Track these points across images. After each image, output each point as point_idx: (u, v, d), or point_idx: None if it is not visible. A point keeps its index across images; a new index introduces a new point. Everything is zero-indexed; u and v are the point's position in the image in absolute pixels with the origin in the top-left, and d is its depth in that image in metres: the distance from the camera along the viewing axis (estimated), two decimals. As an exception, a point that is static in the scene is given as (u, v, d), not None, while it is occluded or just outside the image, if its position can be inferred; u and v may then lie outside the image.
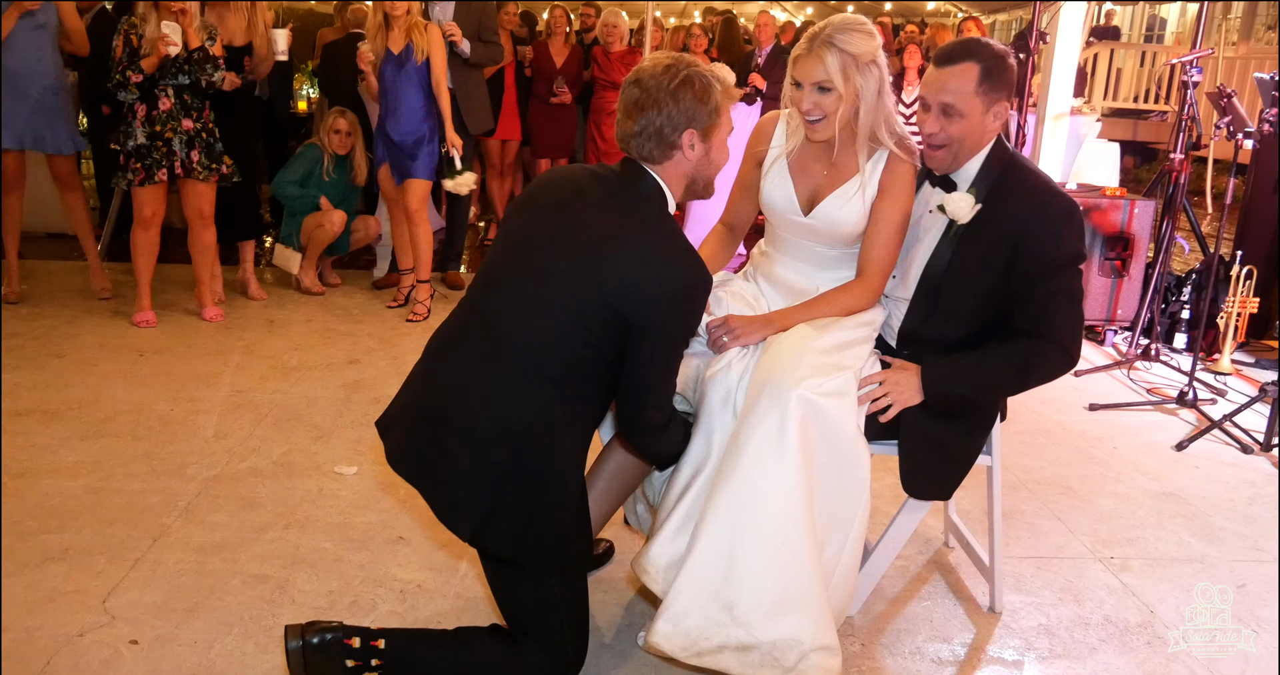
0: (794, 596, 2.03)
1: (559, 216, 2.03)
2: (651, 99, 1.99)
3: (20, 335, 4.43)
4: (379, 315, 5.10)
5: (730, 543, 2.04)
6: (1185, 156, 4.83)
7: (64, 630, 2.30)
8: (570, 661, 2.12)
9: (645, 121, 2.01)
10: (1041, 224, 2.25)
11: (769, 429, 2.05)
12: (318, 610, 2.43)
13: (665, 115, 2.00)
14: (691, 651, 2.05)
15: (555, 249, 1.99)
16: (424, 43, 4.82)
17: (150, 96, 4.47)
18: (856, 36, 2.20)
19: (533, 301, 1.96)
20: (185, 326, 4.70)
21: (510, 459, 1.93)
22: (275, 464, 3.25)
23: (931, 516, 3.05)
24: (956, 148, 2.31)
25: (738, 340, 2.26)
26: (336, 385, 4.01)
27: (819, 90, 2.23)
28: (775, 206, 2.43)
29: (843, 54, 2.19)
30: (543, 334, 1.94)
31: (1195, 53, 4.69)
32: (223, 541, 2.74)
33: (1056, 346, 2.26)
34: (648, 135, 2.02)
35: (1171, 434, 3.99)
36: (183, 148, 4.54)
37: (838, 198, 2.35)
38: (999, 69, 2.25)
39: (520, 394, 1.94)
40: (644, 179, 2.05)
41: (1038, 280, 2.25)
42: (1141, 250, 5.14)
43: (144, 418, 3.57)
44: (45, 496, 2.94)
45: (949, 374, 2.30)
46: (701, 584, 2.04)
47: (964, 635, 2.51)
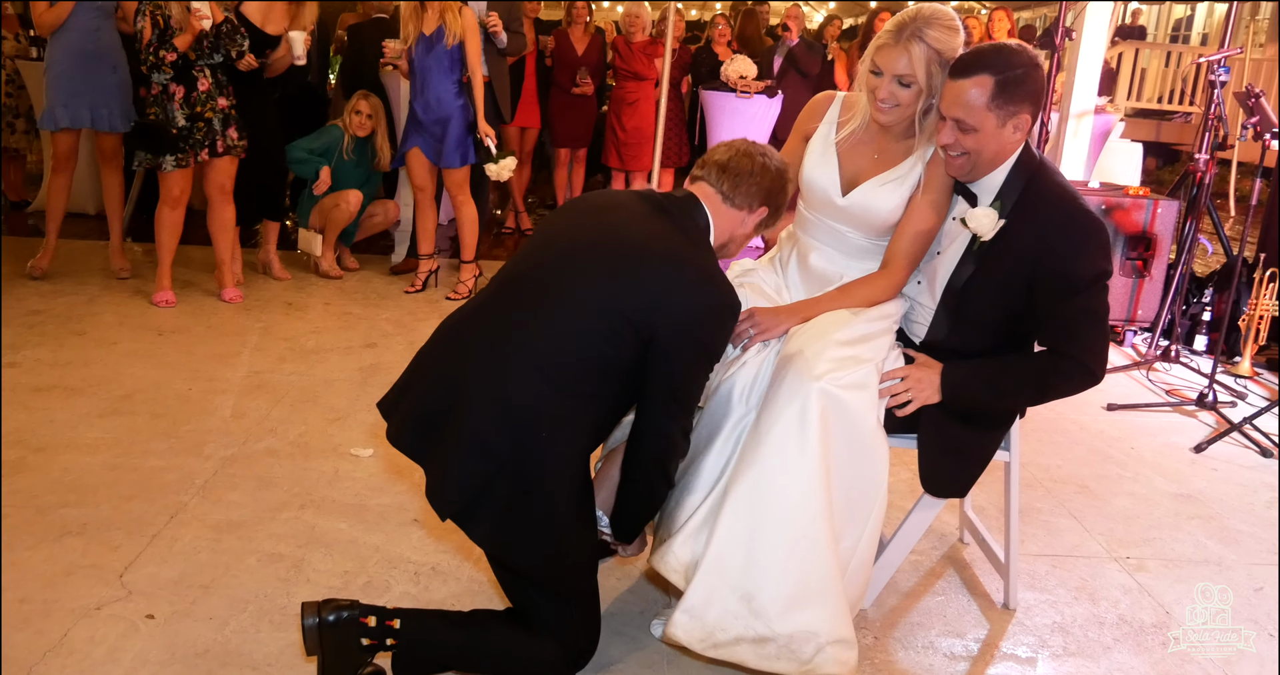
0: (812, 589, 2.03)
1: (597, 220, 2.05)
2: (758, 163, 2.13)
3: (42, 312, 4.45)
4: (397, 300, 5.11)
5: (749, 534, 2.03)
6: (1211, 157, 4.79)
7: (81, 603, 2.32)
8: (582, 648, 2.12)
9: (743, 167, 2.11)
10: (1065, 242, 2.19)
11: (790, 421, 2.04)
12: (332, 590, 2.44)
13: (758, 180, 2.12)
14: (708, 643, 2.05)
15: (587, 249, 1.99)
16: (457, 26, 4.81)
17: (188, 77, 4.48)
18: (946, 33, 2.17)
19: (555, 296, 1.95)
20: (204, 307, 4.72)
21: (508, 447, 1.90)
22: (292, 445, 3.26)
23: (947, 512, 3.04)
24: (974, 158, 2.23)
25: (763, 335, 2.25)
26: (354, 368, 4.02)
27: (898, 83, 2.20)
28: (814, 184, 2.40)
29: (929, 49, 2.16)
30: (559, 329, 1.93)
31: (1224, 52, 4.65)
32: (239, 520, 2.75)
33: (1079, 365, 2.22)
34: (738, 177, 2.11)
35: (1190, 436, 3.97)
36: (221, 126, 4.58)
37: (877, 183, 2.32)
38: (1016, 80, 2.13)
39: (527, 382, 1.92)
40: (697, 208, 2.09)
41: (1061, 298, 2.20)
42: (1164, 251, 5.10)
43: (162, 396, 3.59)
44: (64, 471, 2.96)
45: (968, 379, 2.27)
46: (720, 576, 2.03)
47: (977, 631, 2.50)
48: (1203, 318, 5.18)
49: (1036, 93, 2.17)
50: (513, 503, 1.93)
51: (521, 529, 1.95)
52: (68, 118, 4.76)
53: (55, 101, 4.75)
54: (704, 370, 2.04)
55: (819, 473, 2.04)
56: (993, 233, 2.24)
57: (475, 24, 4.90)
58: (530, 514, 1.95)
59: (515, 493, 1.92)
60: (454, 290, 5.17)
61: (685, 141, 7.02)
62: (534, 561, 1.99)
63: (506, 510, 1.93)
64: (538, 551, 1.98)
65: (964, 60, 2.17)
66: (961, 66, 2.16)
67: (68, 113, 4.75)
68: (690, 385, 2.02)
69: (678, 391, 1.99)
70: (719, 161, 2.13)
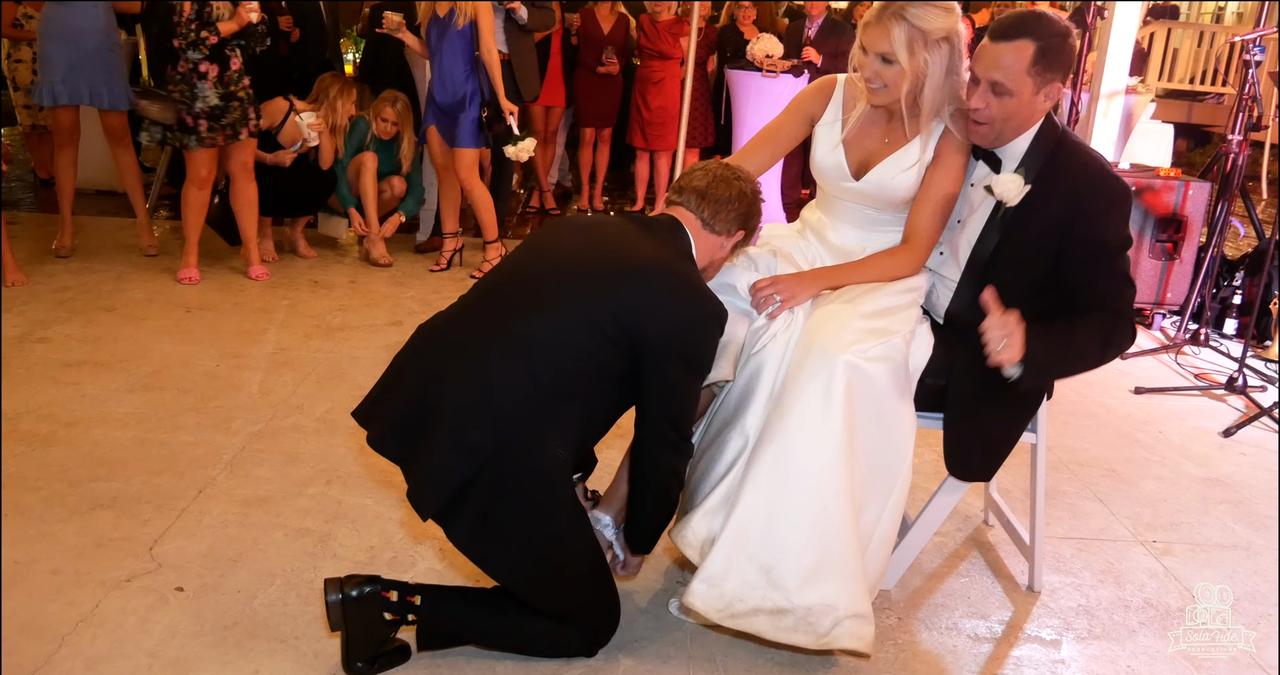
0: (832, 563, 2.03)
1: (585, 234, 2.09)
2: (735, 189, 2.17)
3: (71, 289, 4.50)
4: (421, 278, 5.13)
5: (770, 506, 2.03)
6: (1244, 137, 4.72)
7: (112, 575, 2.35)
8: (601, 628, 2.14)
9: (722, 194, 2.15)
10: (1094, 205, 2.18)
11: (814, 394, 2.04)
12: (358, 565, 2.46)
13: (736, 206, 2.16)
14: (726, 613, 2.06)
15: (576, 255, 2.03)
16: (468, 8, 4.79)
17: (221, 57, 4.49)
18: (931, 12, 2.13)
19: (544, 300, 1.96)
20: (231, 284, 4.75)
21: (491, 445, 1.90)
22: (318, 421, 3.29)
23: (971, 494, 3.03)
24: (1001, 126, 2.22)
25: (789, 302, 2.22)
26: (379, 346, 4.04)
27: (881, 61, 2.18)
28: (824, 171, 2.39)
29: (911, 28, 2.13)
30: (547, 331, 1.93)
31: (1259, 31, 4.57)
32: (266, 495, 2.78)
33: (1129, 323, 2.24)
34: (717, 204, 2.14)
35: (1219, 420, 3.93)
36: (252, 105, 4.60)
37: (892, 164, 2.30)
38: (1056, 48, 2.14)
39: (511, 382, 1.92)
40: (680, 230, 2.14)
41: (1096, 266, 2.19)
42: (1194, 233, 5.04)
43: (190, 372, 3.62)
44: (95, 445, 2.99)
45: (1046, 342, 2.13)
46: (739, 546, 2.04)
47: (1001, 613, 2.50)
48: (1233, 301, 5.12)
49: (1069, 62, 2.19)
50: (493, 503, 1.92)
51: (497, 532, 1.94)
52: (66, 94, 4.77)
53: (53, 77, 4.74)
54: (694, 380, 2.05)
55: (842, 447, 2.03)
56: (1018, 198, 2.22)
57: (488, 6, 4.88)
58: (509, 517, 1.93)
59: (497, 493, 1.92)
60: (479, 269, 5.17)
61: (711, 121, 6.98)
62: (503, 572, 2.01)
63: (488, 511, 1.93)
64: (507, 560, 1.98)
65: (1004, 24, 2.16)
66: (1002, 30, 2.15)
67: (66, 89, 4.75)
68: (684, 393, 2.04)
69: (669, 398, 2.01)
70: (698, 188, 2.16)
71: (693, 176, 2.18)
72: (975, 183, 2.35)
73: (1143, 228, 5.02)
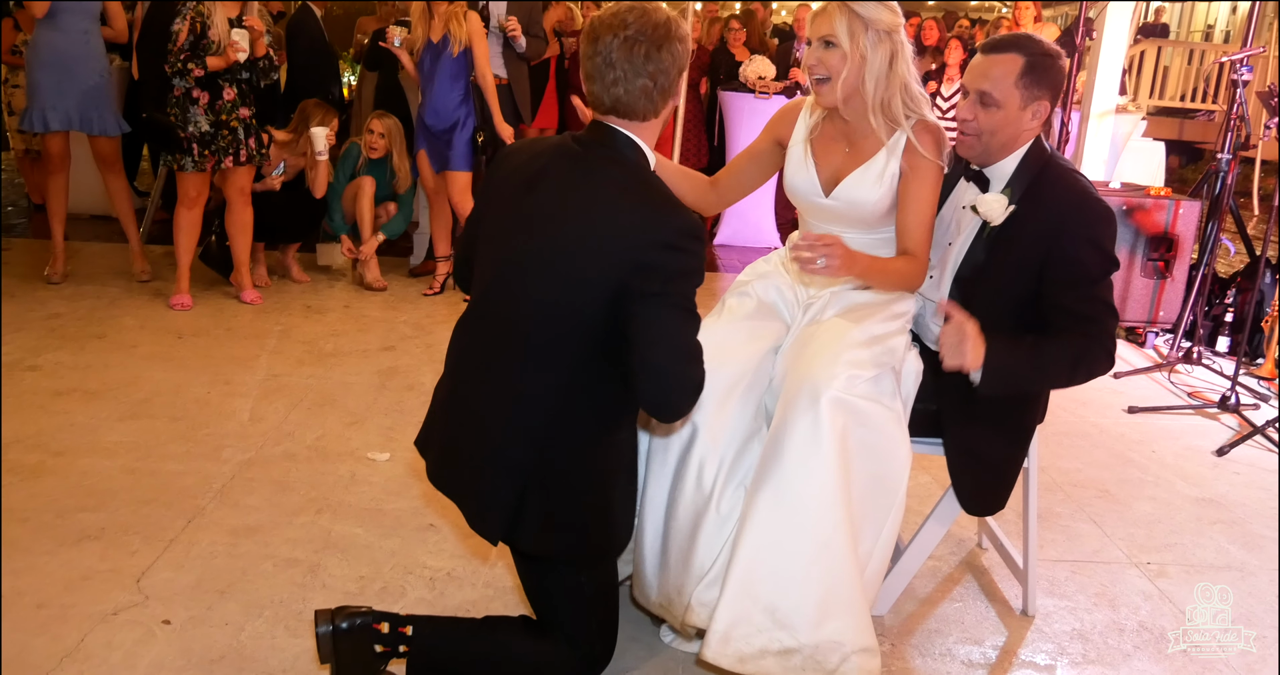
0: (837, 598, 2.02)
1: (528, 200, 1.90)
2: (649, 45, 1.84)
3: (62, 315, 4.49)
4: (415, 302, 5.13)
5: (771, 546, 2.02)
6: (1233, 156, 4.73)
7: (98, 608, 2.33)
8: (598, 656, 2.12)
9: (641, 69, 1.85)
10: (1075, 225, 2.19)
11: (804, 431, 2.03)
12: (348, 595, 2.45)
13: (650, 83, 1.86)
14: (735, 659, 2.05)
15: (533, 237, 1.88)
16: (461, 33, 4.83)
17: (214, 85, 4.51)
18: (875, 6, 2.17)
19: (527, 295, 1.90)
20: (224, 309, 4.75)
21: (530, 457, 1.90)
22: (309, 449, 3.27)
23: (965, 517, 3.00)
24: (988, 139, 2.25)
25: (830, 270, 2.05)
26: (371, 371, 4.04)
27: (824, 45, 2.20)
28: (797, 189, 2.39)
29: (854, 15, 2.16)
30: (543, 324, 1.88)
31: (1246, 51, 4.59)
32: (256, 524, 2.76)
33: (1104, 349, 2.20)
34: (643, 96, 1.87)
35: (1212, 439, 3.92)
36: (244, 135, 4.62)
37: (858, 177, 2.28)
38: (1044, 66, 2.19)
39: (530, 388, 1.89)
40: (617, 137, 1.92)
41: (1077, 288, 2.18)
42: (1185, 251, 5.05)
43: (181, 400, 3.61)
44: (83, 475, 2.98)
45: (1008, 352, 2.13)
46: (745, 590, 2.02)
47: (996, 638, 2.48)
48: (1225, 319, 5.13)
49: (1058, 84, 2.23)
50: (550, 502, 1.92)
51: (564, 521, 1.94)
52: (57, 120, 4.78)
53: (43, 103, 4.75)
54: (688, 301, 1.84)
55: (839, 480, 2.03)
56: (1003, 217, 2.24)
57: (481, 28, 4.91)
58: (569, 505, 1.93)
59: (550, 493, 1.92)
60: None
61: (704, 142, 7.01)
62: (578, 548, 1.98)
63: (546, 512, 1.93)
64: (580, 535, 1.96)
65: (995, 39, 2.25)
66: (992, 44, 2.24)
67: (56, 115, 4.76)
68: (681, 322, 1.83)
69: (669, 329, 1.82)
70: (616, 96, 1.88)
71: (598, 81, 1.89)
72: (965, 205, 2.36)
73: (1134, 247, 5.04)
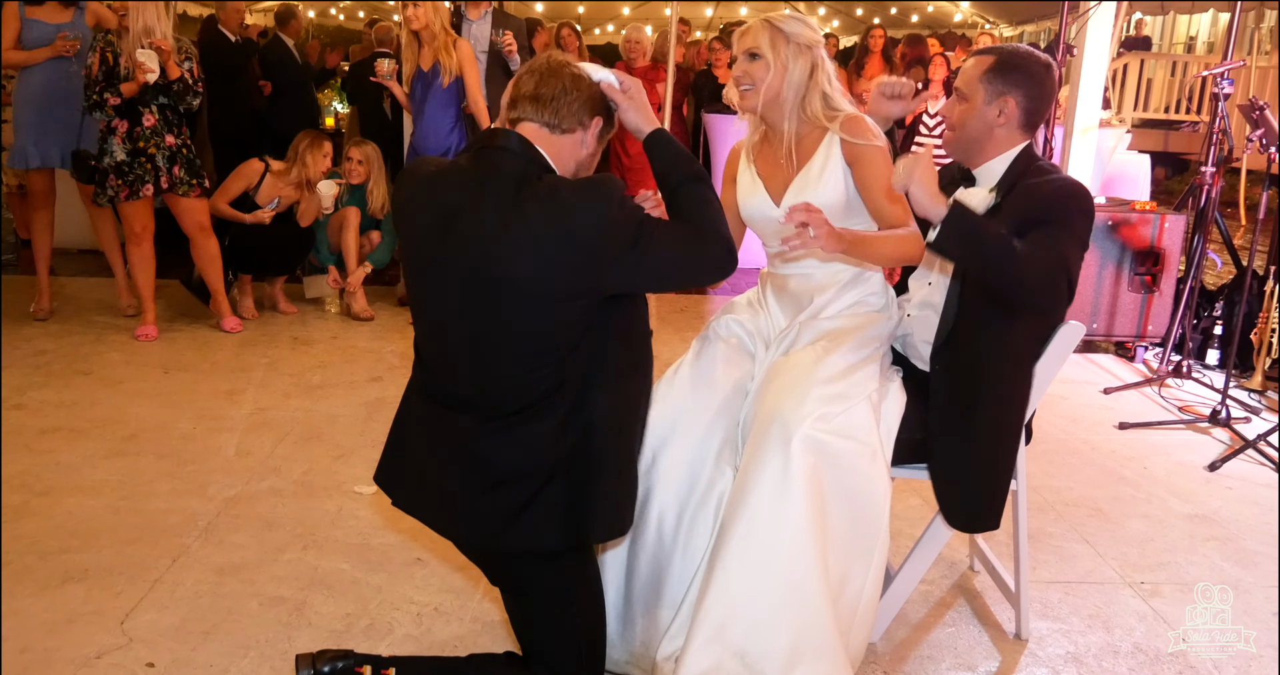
0: (809, 643, 2.00)
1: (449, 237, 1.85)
2: (567, 77, 1.94)
3: (48, 352, 4.47)
4: (403, 332, 5.11)
5: (740, 590, 2.01)
6: (1216, 170, 4.75)
7: (82, 652, 2.30)
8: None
9: (555, 89, 1.92)
10: (1049, 195, 2.21)
11: (774, 472, 2.02)
12: (334, 633, 2.42)
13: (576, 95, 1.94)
14: None
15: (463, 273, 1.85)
16: (451, 63, 4.86)
17: (133, 112, 4.49)
18: (796, 23, 2.31)
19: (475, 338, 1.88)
20: (211, 343, 4.73)
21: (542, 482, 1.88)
22: (295, 483, 3.25)
23: (956, 539, 2.99)
24: (960, 133, 2.37)
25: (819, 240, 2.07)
26: (359, 403, 4.02)
27: (749, 58, 2.31)
28: (752, 211, 2.44)
29: (776, 30, 2.29)
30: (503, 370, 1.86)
31: (1226, 65, 4.61)
32: (241, 562, 2.73)
33: (1044, 270, 2.06)
34: (555, 103, 1.91)
35: (1204, 454, 3.91)
36: (166, 163, 4.56)
37: (801, 180, 2.35)
38: (1012, 65, 2.31)
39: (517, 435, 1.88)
40: (509, 139, 1.89)
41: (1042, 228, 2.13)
42: (1173, 265, 5.06)
43: (167, 436, 3.59)
44: (68, 516, 2.95)
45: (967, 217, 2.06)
46: (713, 634, 2.01)
47: (989, 663, 2.46)
48: (1214, 331, 5.13)
49: (1029, 86, 2.31)
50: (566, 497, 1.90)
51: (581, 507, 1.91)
52: (39, 157, 4.80)
53: (26, 140, 4.78)
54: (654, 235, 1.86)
55: (809, 523, 2.01)
56: (983, 207, 2.32)
57: (471, 56, 4.93)
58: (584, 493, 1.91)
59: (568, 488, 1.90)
60: None
61: (689, 165, 7.02)
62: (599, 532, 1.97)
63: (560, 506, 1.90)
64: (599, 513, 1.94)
65: (984, 46, 2.57)
66: (980, 49, 2.45)
67: (39, 152, 4.79)
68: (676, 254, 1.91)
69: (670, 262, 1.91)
70: (529, 94, 1.93)
71: (520, 84, 1.95)
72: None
73: (1121, 261, 5.05)
